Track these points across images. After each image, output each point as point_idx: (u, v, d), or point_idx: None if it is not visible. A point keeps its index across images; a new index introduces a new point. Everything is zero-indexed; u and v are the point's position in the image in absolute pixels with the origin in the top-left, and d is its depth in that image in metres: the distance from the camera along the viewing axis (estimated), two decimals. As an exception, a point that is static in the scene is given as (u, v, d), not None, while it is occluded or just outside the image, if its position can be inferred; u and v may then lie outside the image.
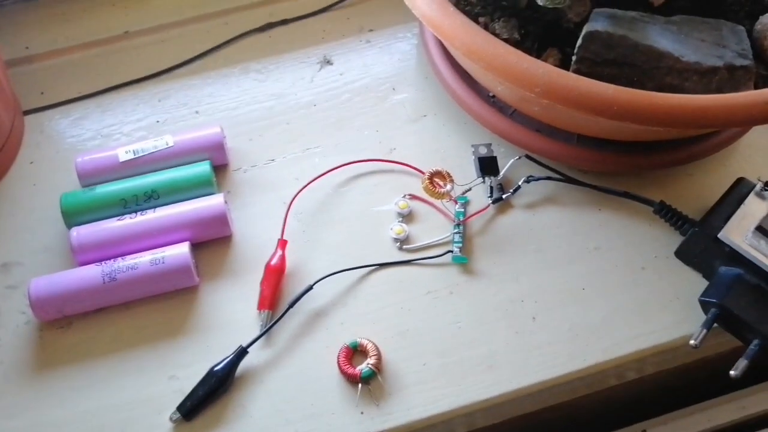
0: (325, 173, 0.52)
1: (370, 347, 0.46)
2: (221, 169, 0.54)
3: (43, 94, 0.58)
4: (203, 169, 0.51)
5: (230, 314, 0.48)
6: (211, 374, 0.45)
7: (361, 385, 0.45)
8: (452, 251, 0.49)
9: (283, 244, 0.49)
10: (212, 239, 0.50)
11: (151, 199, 0.50)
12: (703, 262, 0.49)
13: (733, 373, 0.44)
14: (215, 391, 0.44)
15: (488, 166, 0.52)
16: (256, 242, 0.50)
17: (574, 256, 0.50)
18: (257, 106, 0.57)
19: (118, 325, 0.47)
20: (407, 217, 0.52)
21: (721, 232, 0.47)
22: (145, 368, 0.46)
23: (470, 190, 0.51)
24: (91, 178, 0.51)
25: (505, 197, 0.52)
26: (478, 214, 0.51)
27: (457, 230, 0.50)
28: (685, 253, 0.49)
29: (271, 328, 0.46)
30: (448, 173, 0.51)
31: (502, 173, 0.52)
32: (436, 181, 0.50)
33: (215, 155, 0.52)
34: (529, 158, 0.53)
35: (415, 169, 0.53)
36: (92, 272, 0.47)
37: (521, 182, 0.52)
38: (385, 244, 0.50)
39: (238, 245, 0.50)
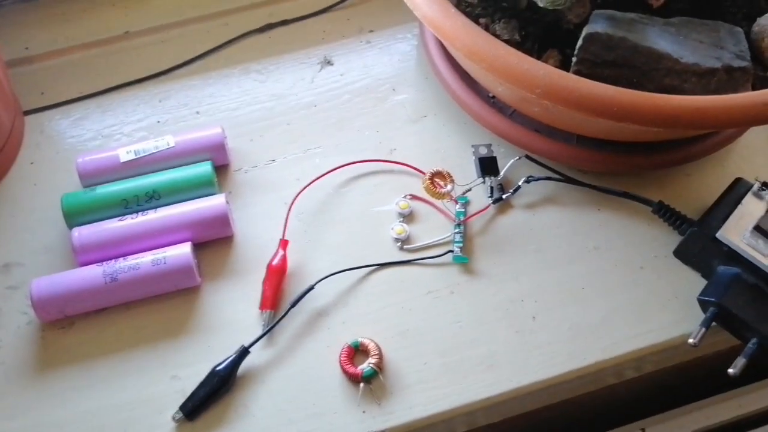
0: (326, 173, 0.52)
1: (371, 347, 0.46)
2: (222, 169, 0.54)
3: (43, 94, 0.58)
4: (204, 169, 0.51)
5: (232, 314, 0.48)
6: (213, 374, 0.45)
7: (362, 384, 0.45)
8: (453, 251, 0.50)
9: (284, 244, 0.49)
10: (213, 239, 0.50)
11: (152, 199, 0.50)
12: (701, 261, 0.49)
13: (731, 371, 0.44)
14: (217, 391, 0.44)
15: (488, 166, 0.52)
16: (257, 242, 0.50)
17: (573, 255, 0.50)
18: (258, 106, 0.57)
19: (119, 325, 0.47)
20: (408, 217, 0.52)
21: (719, 231, 0.47)
22: (146, 368, 0.46)
23: (470, 190, 0.51)
24: (92, 178, 0.51)
25: (505, 197, 0.52)
26: (478, 214, 0.51)
27: (457, 230, 0.50)
28: (683, 252, 0.50)
29: (273, 327, 0.46)
30: (448, 173, 0.51)
31: (502, 173, 0.52)
32: (436, 181, 0.51)
33: (216, 155, 0.52)
34: (529, 158, 0.53)
35: (415, 169, 0.53)
36: (94, 272, 0.47)
37: (521, 182, 0.52)
38: (385, 244, 0.51)
39: (239, 245, 0.50)
